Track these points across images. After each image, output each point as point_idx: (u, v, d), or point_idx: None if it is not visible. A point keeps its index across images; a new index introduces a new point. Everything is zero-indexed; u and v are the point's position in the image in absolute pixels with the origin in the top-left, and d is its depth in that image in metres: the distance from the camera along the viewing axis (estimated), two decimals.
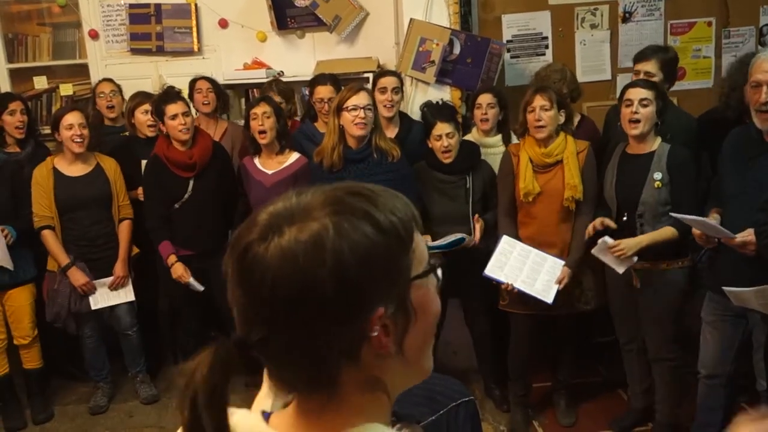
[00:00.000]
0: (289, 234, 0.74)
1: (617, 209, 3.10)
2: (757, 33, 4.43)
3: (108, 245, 3.75)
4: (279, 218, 0.76)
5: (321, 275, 0.72)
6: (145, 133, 3.97)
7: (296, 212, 0.76)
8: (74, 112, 3.63)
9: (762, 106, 2.53)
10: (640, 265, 3.03)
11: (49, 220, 3.64)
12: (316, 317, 0.74)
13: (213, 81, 4.24)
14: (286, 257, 0.73)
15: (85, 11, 4.63)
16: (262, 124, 3.44)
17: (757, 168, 2.60)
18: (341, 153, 3.27)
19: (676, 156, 2.98)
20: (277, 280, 0.73)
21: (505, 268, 3.21)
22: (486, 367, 3.78)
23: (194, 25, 4.61)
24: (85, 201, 3.67)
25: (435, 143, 3.39)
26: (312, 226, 0.74)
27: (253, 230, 0.76)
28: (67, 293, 3.67)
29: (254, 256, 0.74)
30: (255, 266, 0.74)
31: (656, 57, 3.40)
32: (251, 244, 0.75)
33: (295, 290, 0.73)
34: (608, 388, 3.77)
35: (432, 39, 4.01)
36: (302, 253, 0.73)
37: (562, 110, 3.19)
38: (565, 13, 4.34)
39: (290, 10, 4.52)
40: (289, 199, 0.79)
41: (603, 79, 4.39)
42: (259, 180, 3.54)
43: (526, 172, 3.19)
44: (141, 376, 4.00)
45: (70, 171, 3.68)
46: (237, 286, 0.76)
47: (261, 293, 0.74)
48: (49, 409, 3.88)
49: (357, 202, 0.77)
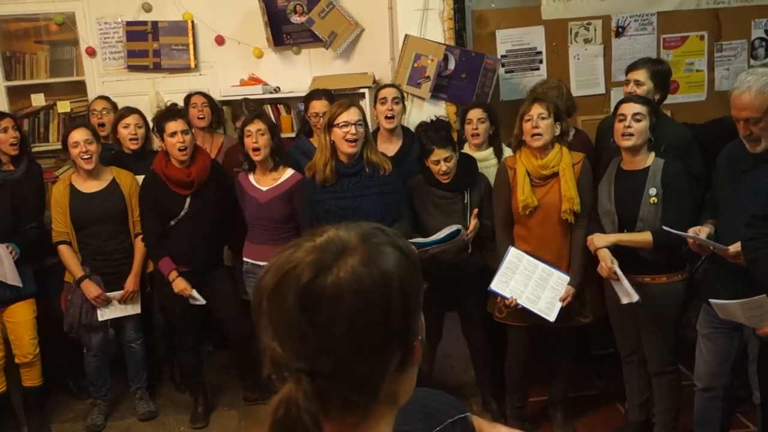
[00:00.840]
0: (352, 267, 0.81)
1: (618, 225, 3.10)
2: (749, 46, 4.47)
3: (124, 260, 3.77)
4: (328, 253, 0.82)
5: (392, 302, 0.82)
6: (129, 147, 3.98)
7: (343, 246, 0.83)
8: (79, 129, 3.66)
9: (745, 137, 2.60)
10: (641, 279, 3.05)
11: (65, 236, 3.70)
12: (386, 339, 0.83)
13: (207, 96, 4.27)
14: (360, 288, 0.80)
15: (83, 29, 4.66)
16: (256, 141, 3.46)
17: (750, 180, 2.63)
18: (333, 168, 3.28)
19: (670, 171, 3.00)
20: (355, 311, 0.80)
21: (511, 283, 3.21)
22: (483, 381, 3.78)
23: (191, 42, 4.64)
24: (100, 217, 3.70)
25: (433, 167, 3.37)
26: (372, 259, 0.82)
27: (301, 267, 0.81)
28: (79, 304, 3.70)
29: (322, 290, 0.80)
30: (325, 299, 0.80)
31: (646, 67, 3.45)
32: (313, 279, 0.80)
33: (372, 317, 0.81)
34: (605, 401, 3.77)
35: (427, 55, 4.04)
36: (373, 283, 0.81)
37: (559, 122, 3.21)
38: (559, 28, 4.38)
39: (286, 27, 4.56)
40: (325, 234, 0.86)
41: (597, 93, 4.42)
42: (254, 196, 3.55)
43: (524, 185, 3.20)
44: (140, 392, 3.99)
45: (85, 187, 3.72)
46: (303, 320, 0.80)
47: (336, 323, 0.80)
48: (46, 428, 3.86)
49: (387, 235, 0.88)
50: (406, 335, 0.86)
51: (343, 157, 3.29)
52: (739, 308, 2.49)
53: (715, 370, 2.90)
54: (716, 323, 2.83)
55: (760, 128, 2.54)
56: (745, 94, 2.52)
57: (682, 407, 3.21)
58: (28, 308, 3.68)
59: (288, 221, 3.53)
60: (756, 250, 2.40)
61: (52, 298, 3.89)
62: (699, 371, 2.96)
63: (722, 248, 2.62)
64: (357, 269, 0.81)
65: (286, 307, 0.81)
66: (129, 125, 3.94)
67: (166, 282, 3.72)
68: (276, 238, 3.51)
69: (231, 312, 3.75)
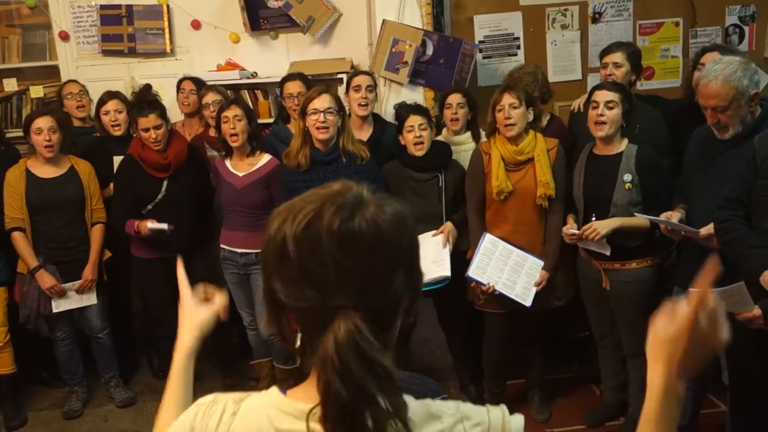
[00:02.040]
0: (374, 210, 0.88)
1: (584, 209, 3.15)
2: (723, 33, 4.53)
3: (79, 248, 3.71)
4: (347, 199, 0.89)
5: (413, 240, 0.93)
6: (113, 133, 3.94)
7: (356, 194, 0.90)
8: (45, 116, 3.59)
9: (713, 125, 2.64)
10: (610, 265, 3.09)
11: (20, 222, 3.61)
12: (408, 278, 0.91)
13: (197, 82, 4.21)
14: (388, 227, 0.87)
15: (55, 12, 4.58)
16: (233, 127, 3.43)
17: (721, 164, 2.67)
18: (308, 155, 3.28)
19: (644, 156, 3.03)
20: (388, 247, 0.87)
21: (488, 269, 3.24)
22: (461, 365, 3.82)
23: (166, 26, 4.58)
24: (57, 203, 3.63)
25: (407, 135, 3.40)
26: (387, 203, 0.90)
27: (326, 213, 0.86)
28: (36, 296, 3.63)
29: (359, 230, 0.86)
30: (364, 237, 0.86)
31: (622, 49, 3.51)
32: (346, 220, 0.86)
33: (400, 252, 0.90)
34: (581, 384, 3.83)
35: (405, 40, 4.03)
36: (396, 222, 0.89)
37: (531, 108, 3.23)
38: (536, 14, 4.40)
39: (263, 11, 4.52)
40: (329, 188, 0.92)
41: (574, 78, 4.46)
42: (230, 182, 3.53)
43: (498, 171, 3.21)
44: (114, 380, 3.97)
45: (42, 172, 3.65)
46: (343, 259, 0.85)
47: (373, 258, 0.86)
48: (22, 415, 3.84)
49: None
50: (417, 278, 0.94)
51: (319, 144, 3.29)
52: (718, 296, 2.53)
53: None
54: None
55: (727, 116, 2.57)
56: (713, 82, 2.55)
57: None
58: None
59: (265, 207, 3.51)
60: (729, 232, 2.44)
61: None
62: None
63: (693, 231, 2.66)
64: (379, 211, 0.88)
65: (322, 249, 0.85)
66: (109, 112, 3.90)
67: (143, 269, 3.71)
68: (252, 224, 3.49)
69: None
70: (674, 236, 2.85)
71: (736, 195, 2.46)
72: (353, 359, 0.82)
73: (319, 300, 0.86)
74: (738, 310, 2.49)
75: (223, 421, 0.93)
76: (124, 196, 3.63)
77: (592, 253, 3.13)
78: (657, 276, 3.12)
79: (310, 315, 0.88)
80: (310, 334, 0.90)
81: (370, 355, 0.82)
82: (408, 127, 3.39)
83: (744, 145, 2.59)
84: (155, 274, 3.70)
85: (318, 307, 0.86)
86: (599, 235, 2.98)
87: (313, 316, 0.87)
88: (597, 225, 3.00)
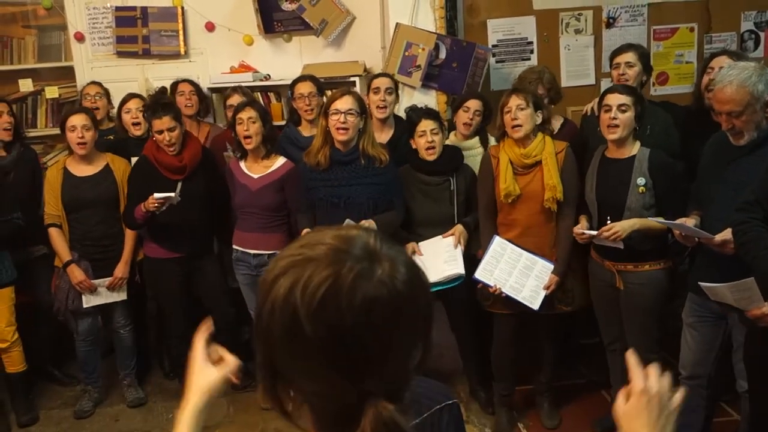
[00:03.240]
0: (389, 269, 0.80)
1: (598, 212, 3.14)
2: (739, 39, 4.50)
3: (113, 246, 3.76)
4: (359, 259, 0.79)
5: (427, 299, 0.86)
6: (133, 132, 3.98)
7: (365, 248, 0.81)
8: (79, 114, 3.67)
9: (729, 131, 2.61)
10: (623, 267, 3.08)
11: (56, 219, 3.71)
12: (421, 338, 0.86)
13: (195, 84, 4.26)
14: (411, 285, 0.81)
15: (71, 14, 4.62)
16: (247, 129, 3.45)
17: (736, 170, 2.65)
18: (327, 154, 3.31)
19: (657, 160, 3.02)
20: (406, 311, 0.80)
21: (495, 271, 3.23)
22: (471, 369, 3.80)
23: (181, 28, 4.61)
24: (91, 200, 3.70)
25: (419, 140, 3.41)
26: (399, 259, 0.82)
27: (341, 280, 0.77)
28: (66, 289, 3.70)
29: (378, 296, 0.77)
30: (382, 303, 0.77)
31: (633, 49, 3.52)
32: (365, 287, 0.77)
33: (416, 314, 0.82)
34: (591, 389, 3.81)
35: (418, 44, 4.04)
36: (412, 281, 0.81)
37: (540, 110, 3.21)
38: (550, 19, 4.39)
39: (277, 14, 4.53)
40: (330, 241, 0.83)
41: (587, 83, 4.44)
42: (245, 184, 3.55)
43: (506, 174, 3.21)
44: (129, 379, 4.00)
45: (78, 171, 3.73)
46: (366, 333, 0.77)
47: (393, 327, 0.79)
48: (33, 412, 3.86)
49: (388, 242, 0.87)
50: (429, 335, 0.88)
51: (339, 144, 3.31)
52: (727, 291, 2.52)
53: (699, 359, 2.93)
54: (701, 312, 2.86)
55: (742, 122, 2.55)
56: (727, 87, 2.53)
57: None
58: (5, 296, 3.63)
59: (279, 210, 3.53)
60: (746, 234, 2.41)
61: (39, 287, 3.90)
62: (684, 360, 2.99)
63: (708, 237, 2.64)
64: (392, 270, 0.80)
65: (345, 327, 0.76)
66: (130, 110, 3.95)
67: (156, 269, 3.73)
68: (266, 226, 3.51)
69: (219, 300, 3.77)
70: (688, 242, 2.83)
71: (754, 197, 2.44)
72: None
73: (341, 386, 0.78)
74: (747, 306, 2.47)
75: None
76: (138, 196, 3.65)
77: (604, 254, 3.11)
78: (669, 280, 3.10)
79: (326, 400, 0.81)
80: (322, 418, 0.84)
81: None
82: (420, 131, 3.40)
83: (758, 151, 2.58)
84: (168, 274, 3.72)
85: (339, 394, 0.79)
86: (620, 237, 2.96)
87: (330, 402, 0.81)
88: (619, 226, 2.97)
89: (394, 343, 0.79)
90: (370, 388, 0.77)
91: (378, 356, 0.78)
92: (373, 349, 0.77)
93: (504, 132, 3.25)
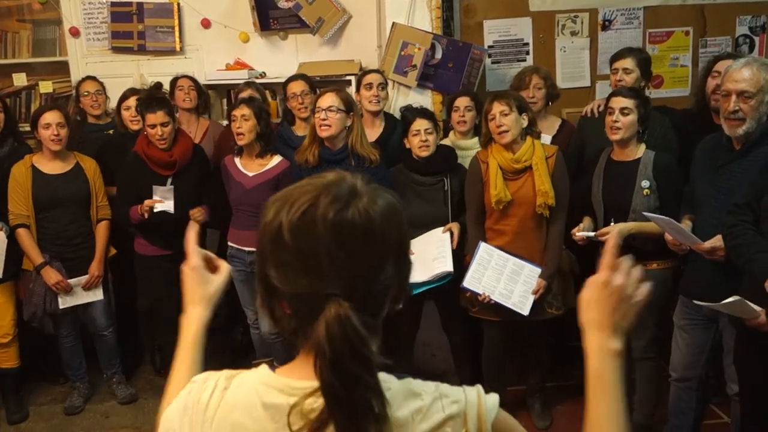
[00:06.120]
0: (367, 200, 0.91)
1: (604, 214, 3.13)
2: (734, 43, 4.52)
3: (85, 245, 3.72)
4: (341, 190, 0.91)
5: (402, 230, 0.95)
6: (131, 128, 3.96)
7: (350, 184, 0.93)
8: (53, 111, 3.60)
9: (731, 114, 2.58)
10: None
11: (25, 219, 3.60)
12: (397, 269, 0.95)
13: (194, 80, 4.25)
14: (381, 216, 0.91)
15: (66, 8, 4.60)
16: (239, 126, 3.46)
17: (727, 175, 2.65)
18: (316, 153, 3.33)
19: (662, 163, 3.03)
20: (380, 237, 0.91)
21: (483, 279, 3.21)
22: (463, 370, 3.80)
23: (176, 24, 4.60)
24: (63, 199, 3.63)
25: (413, 139, 3.40)
26: (380, 194, 0.94)
27: (321, 203, 0.89)
28: (42, 293, 3.63)
29: (353, 220, 0.89)
30: (357, 227, 0.89)
31: (632, 55, 3.51)
32: (340, 211, 0.89)
33: (392, 241, 0.93)
34: (582, 391, 3.79)
35: (414, 43, 4.04)
36: (389, 212, 0.93)
37: (525, 113, 3.20)
38: (546, 20, 4.40)
39: (273, 12, 4.53)
40: (323, 177, 0.95)
41: (582, 85, 4.45)
42: (239, 181, 3.54)
43: (497, 180, 3.19)
44: (116, 377, 3.98)
45: (48, 169, 3.65)
46: (336, 249, 0.88)
47: (365, 248, 0.90)
48: (24, 409, 3.85)
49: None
50: (406, 268, 0.98)
51: (327, 143, 3.33)
52: (724, 309, 2.52)
53: (690, 361, 2.94)
54: (692, 315, 2.87)
55: (750, 106, 2.52)
56: (746, 68, 2.53)
57: (660, 397, 3.25)
58: (8, 290, 3.65)
59: None
60: (737, 237, 2.42)
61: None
62: (674, 362, 3.00)
63: (697, 242, 2.65)
64: (372, 203, 0.91)
65: (316, 237, 0.88)
66: (130, 107, 3.92)
67: (147, 266, 3.71)
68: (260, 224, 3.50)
69: None
70: (678, 250, 2.84)
71: (745, 200, 2.45)
72: (343, 347, 0.86)
73: (311, 287, 0.89)
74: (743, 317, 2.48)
75: (214, 396, 0.97)
76: (128, 192, 3.64)
77: None
78: (674, 279, 3.10)
79: (302, 301, 0.91)
80: (301, 319, 0.93)
81: (357, 342, 0.86)
82: (414, 130, 3.40)
83: (750, 155, 2.59)
84: (158, 271, 3.70)
85: (310, 294, 0.89)
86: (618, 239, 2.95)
87: (304, 302, 0.91)
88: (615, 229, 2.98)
89: (358, 257, 0.89)
90: (335, 291, 0.88)
91: (344, 266, 0.89)
92: (340, 260, 0.88)
93: (490, 138, 3.24)
